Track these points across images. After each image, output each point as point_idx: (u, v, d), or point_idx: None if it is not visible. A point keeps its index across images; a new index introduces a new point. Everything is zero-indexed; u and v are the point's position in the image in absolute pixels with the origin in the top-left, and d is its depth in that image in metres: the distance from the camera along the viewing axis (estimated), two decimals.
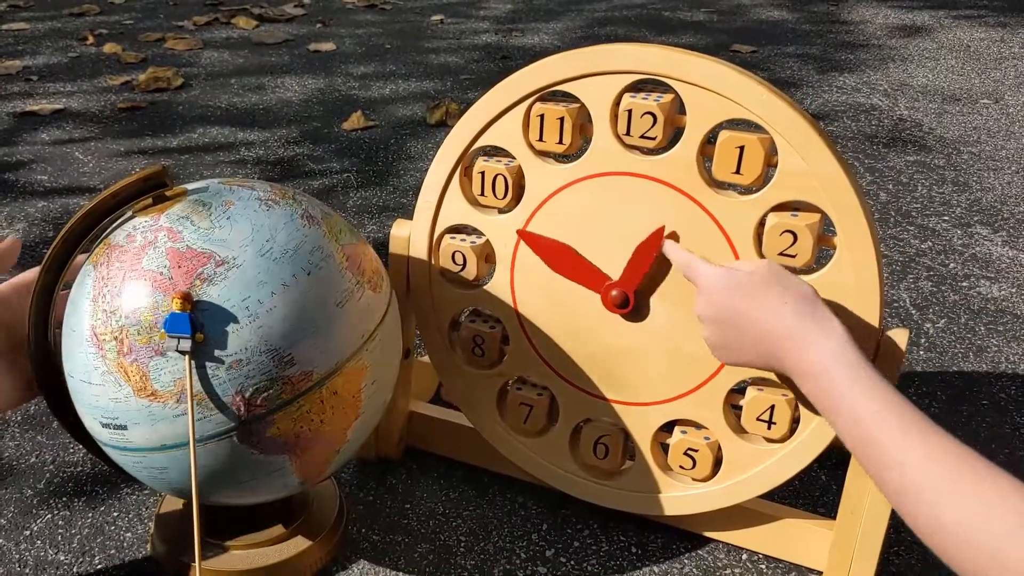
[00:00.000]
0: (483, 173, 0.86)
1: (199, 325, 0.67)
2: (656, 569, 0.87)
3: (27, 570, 0.85)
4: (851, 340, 0.68)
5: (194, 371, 0.67)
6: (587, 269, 0.83)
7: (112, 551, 0.87)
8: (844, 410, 0.66)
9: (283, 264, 0.70)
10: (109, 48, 2.46)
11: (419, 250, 0.90)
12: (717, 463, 0.85)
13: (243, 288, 0.69)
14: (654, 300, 0.82)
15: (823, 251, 0.76)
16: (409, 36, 2.71)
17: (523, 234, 0.85)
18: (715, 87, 0.76)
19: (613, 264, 0.83)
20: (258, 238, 0.70)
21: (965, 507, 0.58)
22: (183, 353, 0.67)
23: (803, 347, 0.69)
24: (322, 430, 0.72)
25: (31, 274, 0.79)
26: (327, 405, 0.72)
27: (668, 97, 0.78)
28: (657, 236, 0.79)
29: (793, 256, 0.76)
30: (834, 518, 0.83)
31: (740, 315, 0.72)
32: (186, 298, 0.67)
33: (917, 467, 0.60)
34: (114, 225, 0.74)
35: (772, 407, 0.81)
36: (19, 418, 1.05)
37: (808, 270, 0.78)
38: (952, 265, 1.44)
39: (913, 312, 1.31)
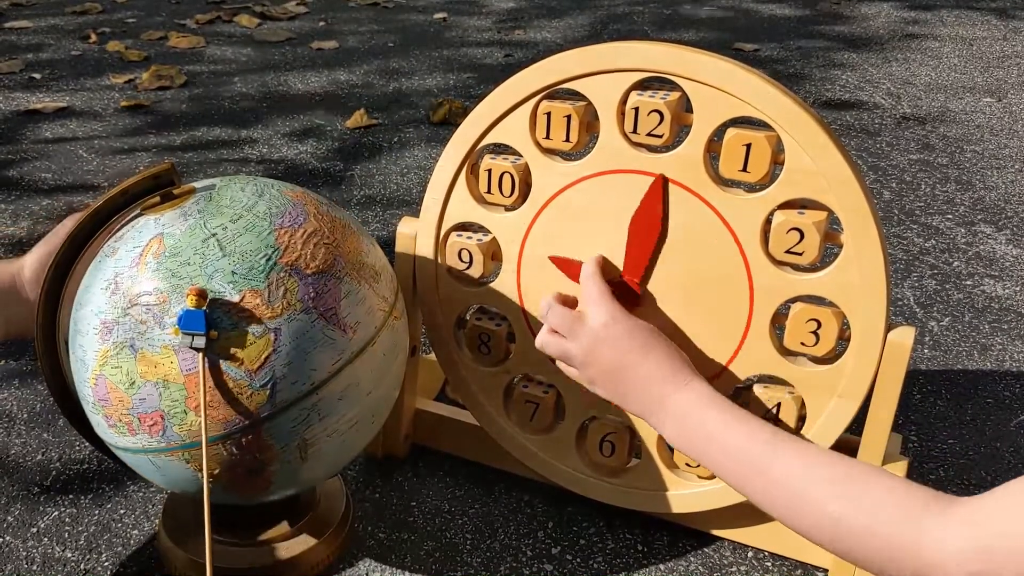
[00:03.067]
0: (490, 171, 0.86)
1: (213, 322, 0.67)
2: (662, 567, 0.87)
3: (35, 567, 0.85)
4: (717, 393, 0.73)
5: (207, 368, 0.68)
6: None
7: (119, 548, 0.87)
8: (717, 445, 0.71)
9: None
10: (112, 46, 2.46)
11: (425, 248, 0.90)
12: None
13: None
14: (660, 297, 0.82)
15: (829, 249, 0.76)
16: (412, 34, 2.70)
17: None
18: (722, 85, 0.76)
19: (619, 262, 0.83)
20: None
21: (850, 501, 0.62)
22: (197, 350, 0.67)
23: (675, 390, 0.74)
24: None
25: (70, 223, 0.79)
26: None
27: (675, 95, 0.78)
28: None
29: (800, 254, 0.76)
30: None
31: (630, 356, 0.76)
32: (201, 295, 0.67)
33: (798, 475, 0.65)
34: (122, 223, 0.74)
35: (778, 404, 0.81)
36: (25, 416, 1.06)
37: (814, 268, 0.78)
38: (956, 263, 1.44)
39: (917, 310, 1.31)
